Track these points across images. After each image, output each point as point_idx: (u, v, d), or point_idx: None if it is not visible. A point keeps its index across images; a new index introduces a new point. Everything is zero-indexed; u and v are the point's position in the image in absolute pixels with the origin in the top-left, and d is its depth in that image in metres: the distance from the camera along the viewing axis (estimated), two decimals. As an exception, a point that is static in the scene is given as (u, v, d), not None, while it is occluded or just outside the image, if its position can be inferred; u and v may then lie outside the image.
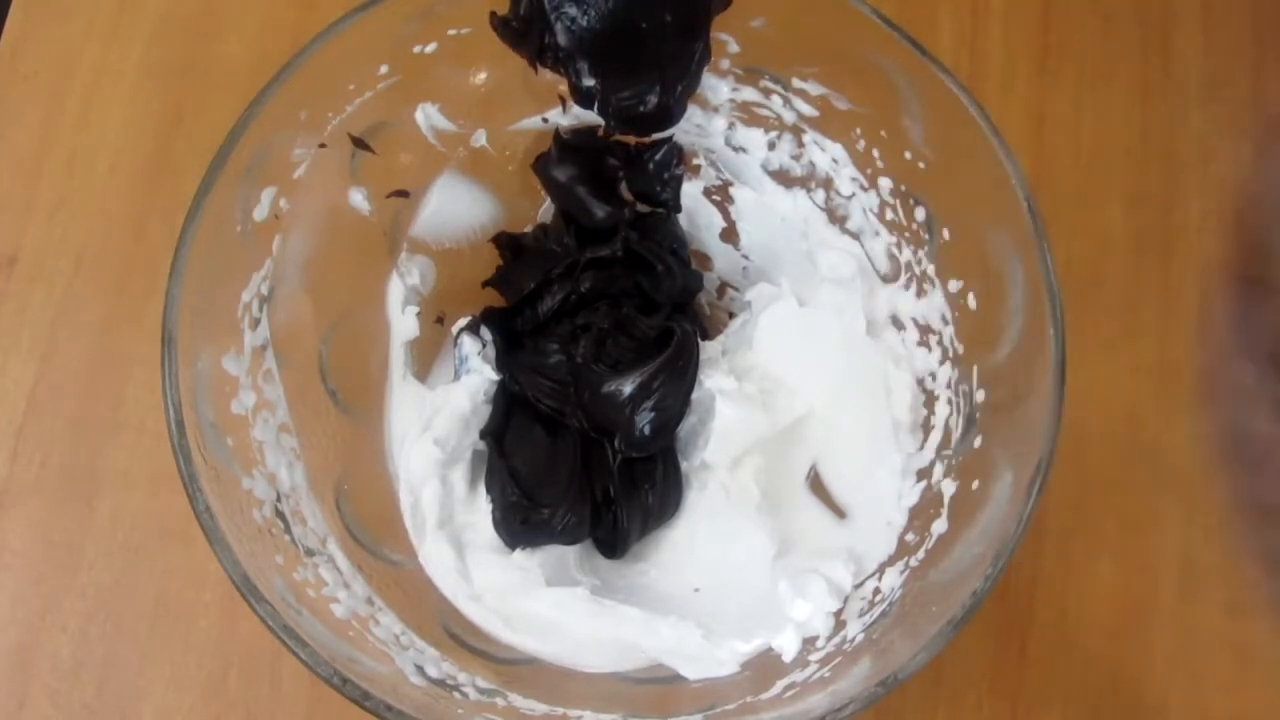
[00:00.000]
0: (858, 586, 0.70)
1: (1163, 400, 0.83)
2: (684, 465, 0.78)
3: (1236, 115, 0.90)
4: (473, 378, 0.76)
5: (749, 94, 0.75)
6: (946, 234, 0.70)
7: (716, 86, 0.75)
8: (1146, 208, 0.88)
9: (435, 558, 0.73)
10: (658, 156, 0.79)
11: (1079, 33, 0.92)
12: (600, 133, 0.76)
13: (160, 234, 0.87)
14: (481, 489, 0.75)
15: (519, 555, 0.73)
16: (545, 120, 0.76)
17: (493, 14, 0.67)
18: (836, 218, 0.77)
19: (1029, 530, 0.59)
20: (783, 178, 0.78)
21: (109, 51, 0.93)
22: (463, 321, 0.78)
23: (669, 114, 0.66)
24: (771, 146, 0.77)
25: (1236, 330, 0.84)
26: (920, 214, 0.71)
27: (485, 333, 0.78)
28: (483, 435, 0.76)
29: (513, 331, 0.80)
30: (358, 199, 0.73)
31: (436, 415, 0.75)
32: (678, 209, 0.80)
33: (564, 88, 0.69)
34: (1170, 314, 0.85)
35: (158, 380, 0.60)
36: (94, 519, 0.83)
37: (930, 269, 0.71)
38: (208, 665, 0.80)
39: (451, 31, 0.70)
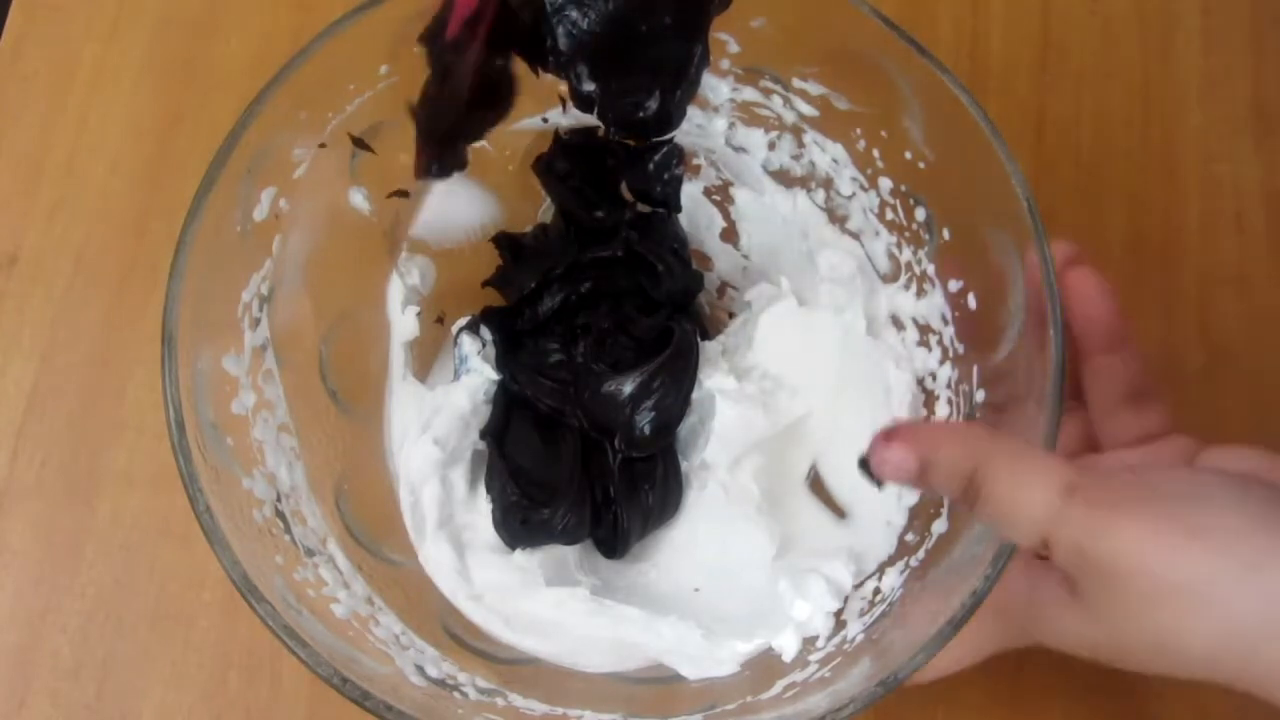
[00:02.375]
0: (858, 586, 0.70)
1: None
2: (684, 465, 0.78)
3: (1236, 115, 0.90)
4: (473, 377, 0.76)
5: (749, 94, 0.75)
6: (946, 234, 0.70)
7: (717, 87, 0.75)
8: (1146, 208, 0.88)
9: (435, 558, 0.73)
10: (657, 157, 0.79)
11: (1079, 33, 0.92)
12: (600, 134, 0.76)
13: (160, 234, 0.87)
14: (481, 489, 0.76)
15: (519, 555, 0.73)
16: (545, 120, 0.76)
17: None
18: (837, 218, 0.77)
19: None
20: (783, 178, 0.78)
21: (109, 51, 0.93)
22: (462, 321, 0.78)
23: (669, 119, 0.65)
24: (772, 147, 0.77)
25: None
26: (920, 214, 0.71)
27: (485, 332, 0.78)
28: (483, 435, 0.76)
29: (513, 331, 0.80)
30: (358, 199, 0.73)
31: (436, 415, 0.75)
32: (678, 209, 0.80)
33: (564, 88, 0.69)
34: (1170, 314, 0.85)
35: (158, 380, 0.60)
36: (94, 519, 0.83)
37: (930, 269, 0.72)
38: (208, 665, 0.80)
39: (453, 31, 0.70)
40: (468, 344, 0.77)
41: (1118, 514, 0.56)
